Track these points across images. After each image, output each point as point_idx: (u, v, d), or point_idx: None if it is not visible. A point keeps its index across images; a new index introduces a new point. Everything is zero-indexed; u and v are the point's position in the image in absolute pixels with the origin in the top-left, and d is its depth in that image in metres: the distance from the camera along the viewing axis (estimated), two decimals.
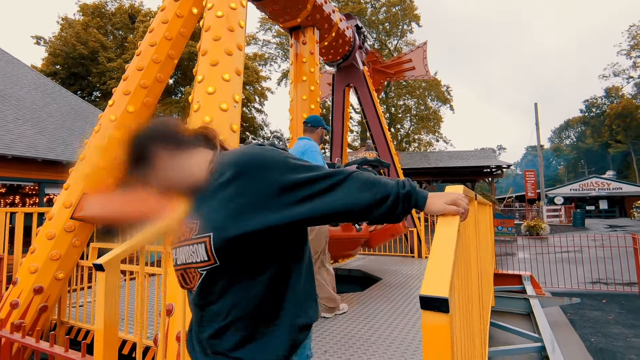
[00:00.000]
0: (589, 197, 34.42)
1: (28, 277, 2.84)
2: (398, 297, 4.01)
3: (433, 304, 0.68)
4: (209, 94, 2.60)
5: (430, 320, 0.69)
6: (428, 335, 0.69)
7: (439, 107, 30.51)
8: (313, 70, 5.39)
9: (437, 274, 0.73)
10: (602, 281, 7.54)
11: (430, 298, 0.69)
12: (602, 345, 4.51)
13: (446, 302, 0.67)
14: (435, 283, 0.71)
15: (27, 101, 12.26)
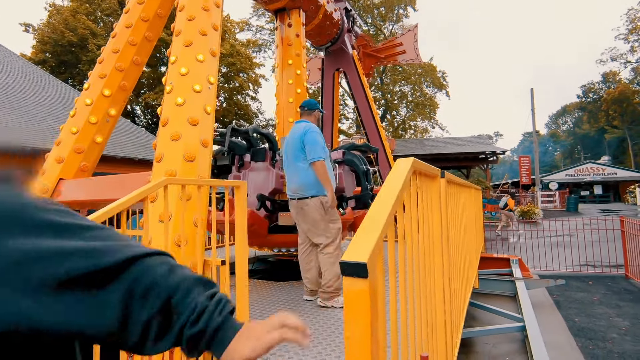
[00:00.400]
0: (583, 182, 34.61)
1: None
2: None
3: (352, 269, 0.67)
4: (182, 75, 2.55)
5: (350, 286, 0.68)
6: (348, 301, 0.68)
7: (434, 93, 30.33)
8: (299, 54, 5.31)
9: (361, 241, 0.72)
10: (589, 264, 7.63)
11: (350, 263, 0.67)
12: (585, 324, 4.58)
13: (364, 267, 0.66)
14: (356, 249, 0.69)
15: (15, 89, 12.05)
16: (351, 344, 0.67)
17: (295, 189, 3.04)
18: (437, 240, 1.56)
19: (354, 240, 0.72)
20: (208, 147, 2.47)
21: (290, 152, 3.07)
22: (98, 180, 3.05)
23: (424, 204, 1.42)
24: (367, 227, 0.75)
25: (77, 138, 3.11)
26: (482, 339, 3.77)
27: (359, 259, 0.66)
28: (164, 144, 2.36)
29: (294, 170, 3.06)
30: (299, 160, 2.99)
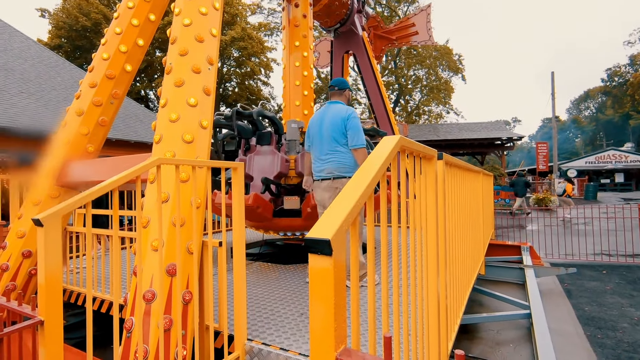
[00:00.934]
0: (604, 170, 33.50)
1: (16, 241, 2.91)
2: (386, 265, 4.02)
3: (316, 246, 0.64)
4: (181, 55, 2.51)
5: (314, 264, 0.65)
6: (313, 278, 0.66)
7: (450, 77, 29.52)
8: (306, 35, 5.19)
9: (329, 218, 0.68)
10: (605, 253, 7.43)
11: (314, 240, 0.64)
12: (595, 314, 4.49)
13: (328, 244, 0.63)
14: (322, 227, 0.66)
15: (32, 74, 12.27)
16: (314, 324, 0.65)
17: (331, 169, 3.03)
18: (431, 225, 1.51)
19: (322, 218, 0.69)
20: (207, 128, 2.45)
21: (328, 132, 3.03)
22: (103, 161, 3.08)
23: (417, 185, 1.38)
24: (337, 205, 0.72)
25: (82, 120, 3.13)
26: (487, 325, 3.73)
27: (324, 235, 0.63)
28: (163, 125, 2.35)
29: (330, 151, 3.03)
30: (339, 142, 3.00)
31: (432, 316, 1.51)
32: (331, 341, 0.63)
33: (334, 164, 3.03)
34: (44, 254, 1.22)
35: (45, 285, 1.23)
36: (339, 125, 3.00)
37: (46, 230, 1.22)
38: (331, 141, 3.03)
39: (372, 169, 0.84)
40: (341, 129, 2.99)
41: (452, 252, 1.99)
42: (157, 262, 1.93)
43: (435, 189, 1.57)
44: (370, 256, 0.94)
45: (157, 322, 1.83)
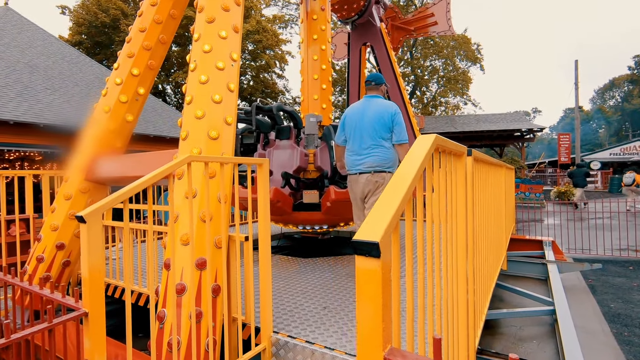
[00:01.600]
0: (630, 162, 32.24)
1: (50, 234, 3.04)
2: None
3: (364, 248, 0.65)
4: (205, 53, 2.55)
5: (362, 265, 0.66)
6: (361, 279, 0.67)
7: (468, 68, 28.83)
8: (324, 28, 5.16)
9: (375, 219, 0.69)
10: (631, 248, 7.20)
11: (362, 242, 0.65)
12: (622, 311, 4.38)
13: (376, 247, 0.64)
14: (369, 229, 0.67)
15: (55, 71, 12.61)
16: (362, 324, 0.67)
17: (373, 164, 3.01)
18: (461, 221, 1.51)
19: (368, 219, 0.70)
20: (232, 125, 2.49)
21: (372, 126, 3.02)
22: (128, 157, 3.17)
23: (448, 182, 1.37)
24: (382, 206, 0.73)
25: (110, 116, 3.22)
26: (509, 321, 3.70)
27: (371, 237, 0.65)
28: (188, 122, 2.39)
29: (373, 145, 3.02)
30: (383, 137, 3.00)
31: (462, 312, 1.51)
32: (379, 341, 0.65)
33: (377, 159, 3.00)
34: (87, 249, 1.28)
35: (89, 279, 1.29)
36: (386, 120, 2.99)
37: (89, 226, 1.28)
38: (374, 135, 3.01)
39: (412, 169, 0.85)
40: (388, 124, 2.99)
41: (479, 247, 1.98)
42: (187, 256, 1.99)
43: (465, 185, 1.56)
44: (414, 254, 0.95)
45: (189, 314, 1.90)
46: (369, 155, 3.02)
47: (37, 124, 8.83)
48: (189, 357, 1.82)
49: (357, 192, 3.11)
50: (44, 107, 9.83)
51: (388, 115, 3.00)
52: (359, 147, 3.08)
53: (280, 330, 2.21)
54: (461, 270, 1.52)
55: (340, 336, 2.12)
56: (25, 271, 3.03)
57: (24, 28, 13.73)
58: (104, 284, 3.43)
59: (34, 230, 3.77)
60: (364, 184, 3.05)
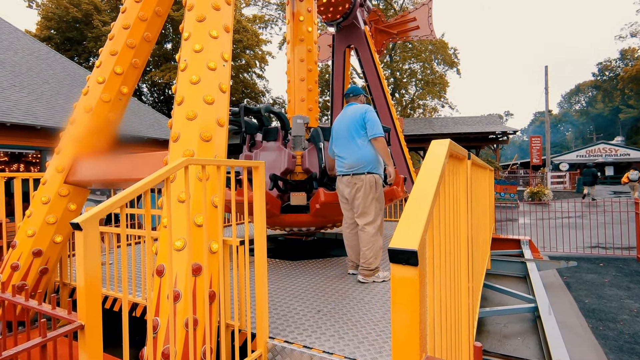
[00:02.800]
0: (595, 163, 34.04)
1: (26, 240, 2.87)
2: None
3: (401, 256, 0.64)
4: (195, 52, 2.48)
5: (398, 273, 0.66)
6: (396, 288, 0.66)
7: (445, 71, 29.57)
8: (311, 30, 5.15)
9: (409, 227, 0.69)
10: (601, 246, 7.59)
11: (399, 250, 0.65)
12: (596, 306, 4.60)
13: (415, 255, 0.63)
14: (405, 235, 0.66)
15: (23, 67, 11.99)
16: (398, 333, 0.66)
17: (351, 165, 3.21)
18: (463, 223, 1.53)
19: (401, 226, 0.70)
20: (224, 126, 2.43)
21: (347, 129, 3.25)
22: (113, 159, 3.04)
23: (452, 186, 1.39)
24: (414, 212, 0.73)
25: (91, 116, 3.08)
26: (493, 319, 3.80)
27: (409, 246, 0.64)
28: (179, 123, 2.32)
29: (350, 147, 3.22)
30: (358, 137, 3.19)
31: (464, 312, 1.53)
32: (416, 350, 0.64)
33: (354, 160, 3.19)
34: (83, 258, 1.21)
35: (85, 289, 1.22)
36: (358, 120, 3.19)
37: (85, 233, 1.21)
38: (350, 137, 3.21)
39: (434, 174, 0.85)
40: (360, 123, 3.18)
41: (476, 248, 2.02)
42: (182, 262, 1.93)
43: (465, 187, 1.59)
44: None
45: (184, 321, 1.83)
46: (346, 157, 3.25)
47: (3, 123, 8.36)
48: None
49: (340, 190, 3.37)
50: (11, 105, 9.32)
51: (360, 115, 3.20)
52: (340, 151, 3.33)
53: (276, 336, 2.18)
54: (463, 272, 1.55)
55: (337, 340, 2.11)
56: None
57: None
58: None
59: (5, 236, 3.55)
60: (344, 184, 3.29)
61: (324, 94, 27.23)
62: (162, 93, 25.55)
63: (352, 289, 3.03)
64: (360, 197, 3.17)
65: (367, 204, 3.15)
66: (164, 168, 1.63)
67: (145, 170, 2.61)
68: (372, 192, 3.16)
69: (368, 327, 2.28)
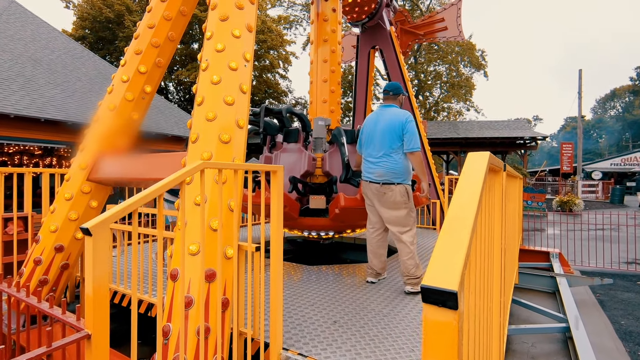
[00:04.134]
0: (630, 172, 32.23)
1: (49, 235, 2.92)
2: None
3: (437, 297, 0.54)
4: (217, 52, 2.44)
5: (432, 316, 0.55)
6: (429, 333, 0.56)
7: (471, 74, 28.78)
8: (335, 30, 5.06)
9: (446, 261, 0.58)
10: (638, 262, 7.10)
11: (434, 290, 0.54)
12: (633, 328, 4.27)
13: (455, 297, 0.53)
14: (442, 272, 0.56)
15: (58, 65, 12.49)
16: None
17: (382, 174, 3.06)
18: (497, 242, 1.40)
19: (436, 260, 0.59)
20: (243, 128, 2.38)
21: (382, 135, 3.08)
22: (133, 158, 3.06)
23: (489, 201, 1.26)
24: (451, 245, 0.62)
25: (115, 114, 3.11)
26: (520, 337, 3.58)
27: (448, 285, 0.53)
28: (199, 124, 2.28)
29: (383, 154, 3.08)
30: (393, 146, 3.04)
31: (495, 330, 1.40)
32: None
33: (385, 169, 3.05)
34: (92, 264, 1.16)
35: (92, 297, 1.17)
36: (397, 129, 3.03)
37: (95, 239, 1.16)
38: (385, 145, 3.07)
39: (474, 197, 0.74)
40: (398, 133, 3.03)
41: (507, 261, 1.87)
42: (195, 267, 1.88)
43: (500, 202, 1.45)
44: None
45: (196, 329, 1.78)
46: (378, 165, 3.10)
47: (38, 118, 8.71)
48: None
49: (369, 196, 3.22)
50: (46, 102, 9.71)
51: (399, 124, 3.03)
52: (371, 155, 3.17)
53: (290, 347, 2.10)
54: (496, 290, 1.41)
55: (354, 355, 2.00)
56: (22, 273, 2.90)
57: (27, 21, 13.61)
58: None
59: (32, 229, 3.64)
60: (372, 192, 3.15)
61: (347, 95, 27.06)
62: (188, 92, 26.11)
63: (370, 299, 2.91)
64: (390, 208, 3.05)
65: (403, 214, 3.03)
66: (180, 171, 1.58)
67: (163, 171, 2.59)
68: (405, 203, 3.04)
69: (387, 342, 2.16)
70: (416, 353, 2.03)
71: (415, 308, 2.74)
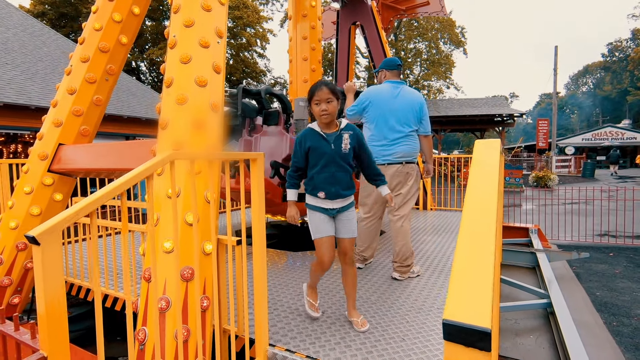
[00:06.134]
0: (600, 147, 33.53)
1: (9, 233, 2.68)
2: None
3: (466, 337, 0.42)
4: (186, 27, 2.20)
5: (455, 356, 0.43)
6: None
7: (451, 51, 28.72)
8: (315, 5, 4.79)
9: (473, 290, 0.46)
10: (610, 234, 7.39)
11: (461, 327, 0.42)
12: (608, 299, 4.44)
13: (488, 337, 0.41)
14: (472, 305, 0.44)
15: (15, 44, 11.58)
16: None
17: (405, 154, 2.91)
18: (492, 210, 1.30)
19: (458, 286, 0.47)
20: (218, 111, 2.18)
21: (404, 114, 2.91)
22: (99, 147, 2.81)
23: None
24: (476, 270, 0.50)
25: (75, 99, 2.82)
26: (504, 315, 3.64)
27: (480, 323, 0.41)
28: (169, 108, 2.07)
29: (406, 133, 2.91)
30: (412, 126, 2.94)
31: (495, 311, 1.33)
32: None
33: (408, 148, 2.92)
34: (42, 278, 1.00)
35: (46, 316, 1.01)
36: (417, 111, 2.94)
37: (44, 248, 0.99)
38: (407, 124, 2.92)
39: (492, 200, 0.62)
40: (418, 115, 2.95)
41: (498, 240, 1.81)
42: (171, 266, 1.73)
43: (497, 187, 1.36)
44: None
45: (174, 333, 1.65)
46: (400, 144, 2.90)
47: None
48: None
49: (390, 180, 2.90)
50: (5, 84, 9.00)
51: (418, 106, 2.96)
52: (387, 136, 2.91)
53: (277, 343, 2.00)
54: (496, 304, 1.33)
55: (343, 349, 1.93)
56: None
57: None
58: (67, 284, 3.09)
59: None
60: (392, 175, 2.91)
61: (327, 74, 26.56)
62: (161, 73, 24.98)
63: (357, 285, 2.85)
64: (409, 186, 2.95)
65: (413, 192, 2.98)
66: (147, 163, 1.40)
67: (133, 160, 2.38)
68: (417, 182, 3.03)
69: (376, 332, 2.10)
70: (407, 342, 1.98)
71: (403, 293, 2.70)
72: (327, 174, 2.06)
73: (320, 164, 2.06)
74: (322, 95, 2.02)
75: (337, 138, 2.09)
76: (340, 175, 2.08)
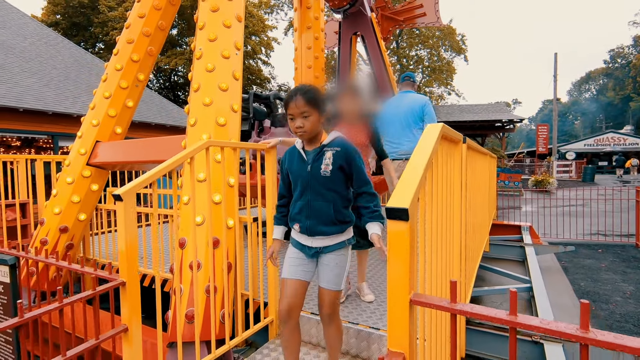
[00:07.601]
0: (602, 152, 33.74)
1: (53, 217, 3.10)
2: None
3: (396, 213, 0.81)
4: (210, 41, 2.62)
5: (393, 228, 0.83)
6: (392, 240, 0.83)
7: (452, 58, 29.21)
8: (318, 17, 5.23)
9: (403, 190, 0.86)
10: (601, 233, 7.72)
11: (394, 209, 0.81)
12: (590, 288, 4.77)
13: (406, 212, 0.80)
14: (400, 197, 0.83)
15: (32, 53, 12.13)
16: (392, 274, 0.83)
17: (405, 151, 3.38)
18: (457, 203, 1.69)
19: (397, 189, 0.86)
20: (237, 112, 2.60)
21: (405, 117, 3.41)
22: (132, 143, 3.23)
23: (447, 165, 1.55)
24: (407, 180, 0.89)
25: (110, 102, 3.25)
26: (490, 298, 4.00)
27: (402, 204, 0.81)
28: (196, 109, 2.49)
29: (406, 134, 3.40)
30: (415, 126, 3.39)
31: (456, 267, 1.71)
32: (406, 288, 0.82)
33: (409, 147, 3.35)
34: (124, 224, 1.40)
35: (125, 251, 1.41)
36: (417, 111, 3.38)
37: (125, 204, 1.39)
38: (406, 125, 3.40)
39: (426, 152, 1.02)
40: (419, 114, 3.38)
41: (470, 227, 2.19)
42: (203, 236, 2.13)
43: (460, 169, 1.75)
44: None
45: (204, 288, 2.04)
46: (402, 144, 3.41)
47: (16, 108, 8.56)
48: (206, 326, 1.98)
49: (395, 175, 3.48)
50: (23, 91, 9.51)
51: (419, 107, 3.41)
52: (393, 136, 3.47)
53: None
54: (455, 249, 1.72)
55: (351, 310, 2.31)
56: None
57: None
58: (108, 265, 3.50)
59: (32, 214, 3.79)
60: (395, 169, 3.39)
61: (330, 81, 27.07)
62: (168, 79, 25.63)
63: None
64: None
65: None
66: (188, 148, 1.80)
67: (163, 153, 2.80)
68: None
69: (383, 295, 2.48)
70: None
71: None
72: (302, 202, 1.59)
73: (298, 190, 1.62)
74: (296, 109, 1.55)
75: (316, 156, 1.60)
76: (317, 205, 1.56)
